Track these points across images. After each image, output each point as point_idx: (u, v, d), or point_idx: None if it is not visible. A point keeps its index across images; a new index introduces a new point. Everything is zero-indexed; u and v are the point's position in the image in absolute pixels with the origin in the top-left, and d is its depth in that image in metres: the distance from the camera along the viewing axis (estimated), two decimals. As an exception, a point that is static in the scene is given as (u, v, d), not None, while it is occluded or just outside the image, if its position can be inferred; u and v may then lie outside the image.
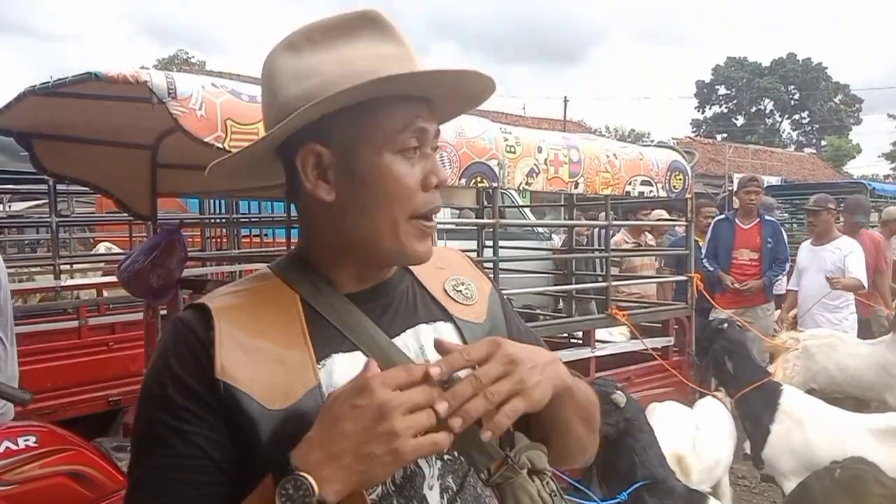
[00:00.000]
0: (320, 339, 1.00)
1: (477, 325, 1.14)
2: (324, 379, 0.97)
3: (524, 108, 35.25)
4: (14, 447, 2.40)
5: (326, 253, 1.07)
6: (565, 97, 32.55)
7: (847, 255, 5.81)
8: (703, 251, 6.24)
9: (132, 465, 0.97)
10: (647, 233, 7.05)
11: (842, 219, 6.99)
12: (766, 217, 6.35)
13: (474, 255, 4.63)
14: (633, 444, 2.75)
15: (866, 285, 5.85)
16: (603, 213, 7.30)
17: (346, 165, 1.01)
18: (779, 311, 6.52)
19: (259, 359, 0.95)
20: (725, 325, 4.28)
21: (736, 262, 6.14)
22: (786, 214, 11.34)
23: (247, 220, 5.62)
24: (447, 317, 1.13)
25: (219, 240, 5.65)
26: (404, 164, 1.00)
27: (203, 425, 0.93)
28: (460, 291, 1.18)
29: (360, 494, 0.88)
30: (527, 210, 7.68)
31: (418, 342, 1.07)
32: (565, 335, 4.32)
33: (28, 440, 2.43)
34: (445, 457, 1.03)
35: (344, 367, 0.98)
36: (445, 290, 1.16)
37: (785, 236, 6.42)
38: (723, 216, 6.57)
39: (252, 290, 1.05)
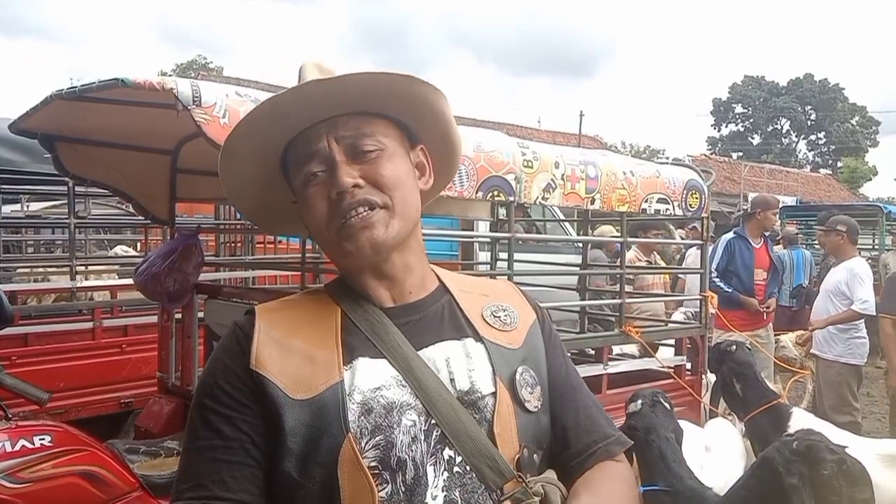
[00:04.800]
0: (351, 345, 1.10)
1: (509, 351, 1.17)
2: (347, 378, 1.06)
3: (539, 122, 35.32)
4: (30, 446, 2.42)
5: (352, 276, 1.19)
6: (581, 111, 32.49)
7: (852, 278, 5.70)
8: (714, 269, 6.09)
9: (184, 445, 1.09)
10: (655, 252, 7.03)
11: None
12: (767, 235, 6.47)
13: (486, 268, 4.62)
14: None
15: (869, 312, 5.61)
16: (607, 228, 7.39)
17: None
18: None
19: (291, 355, 1.08)
20: (733, 346, 4.25)
21: (756, 283, 6.12)
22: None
23: (262, 226, 5.64)
24: (478, 337, 1.17)
25: (233, 245, 5.68)
26: (314, 192, 1.12)
27: (245, 411, 1.05)
28: (498, 317, 1.21)
29: (370, 490, 0.99)
30: (567, 224, 7.58)
31: (444, 355, 1.13)
32: (576, 351, 4.29)
33: (43, 439, 2.45)
34: (455, 469, 1.03)
35: (367, 371, 1.07)
36: (482, 315, 1.21)
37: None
38: (733, 235, 6.42)
39: (300, 300, 1.22)
